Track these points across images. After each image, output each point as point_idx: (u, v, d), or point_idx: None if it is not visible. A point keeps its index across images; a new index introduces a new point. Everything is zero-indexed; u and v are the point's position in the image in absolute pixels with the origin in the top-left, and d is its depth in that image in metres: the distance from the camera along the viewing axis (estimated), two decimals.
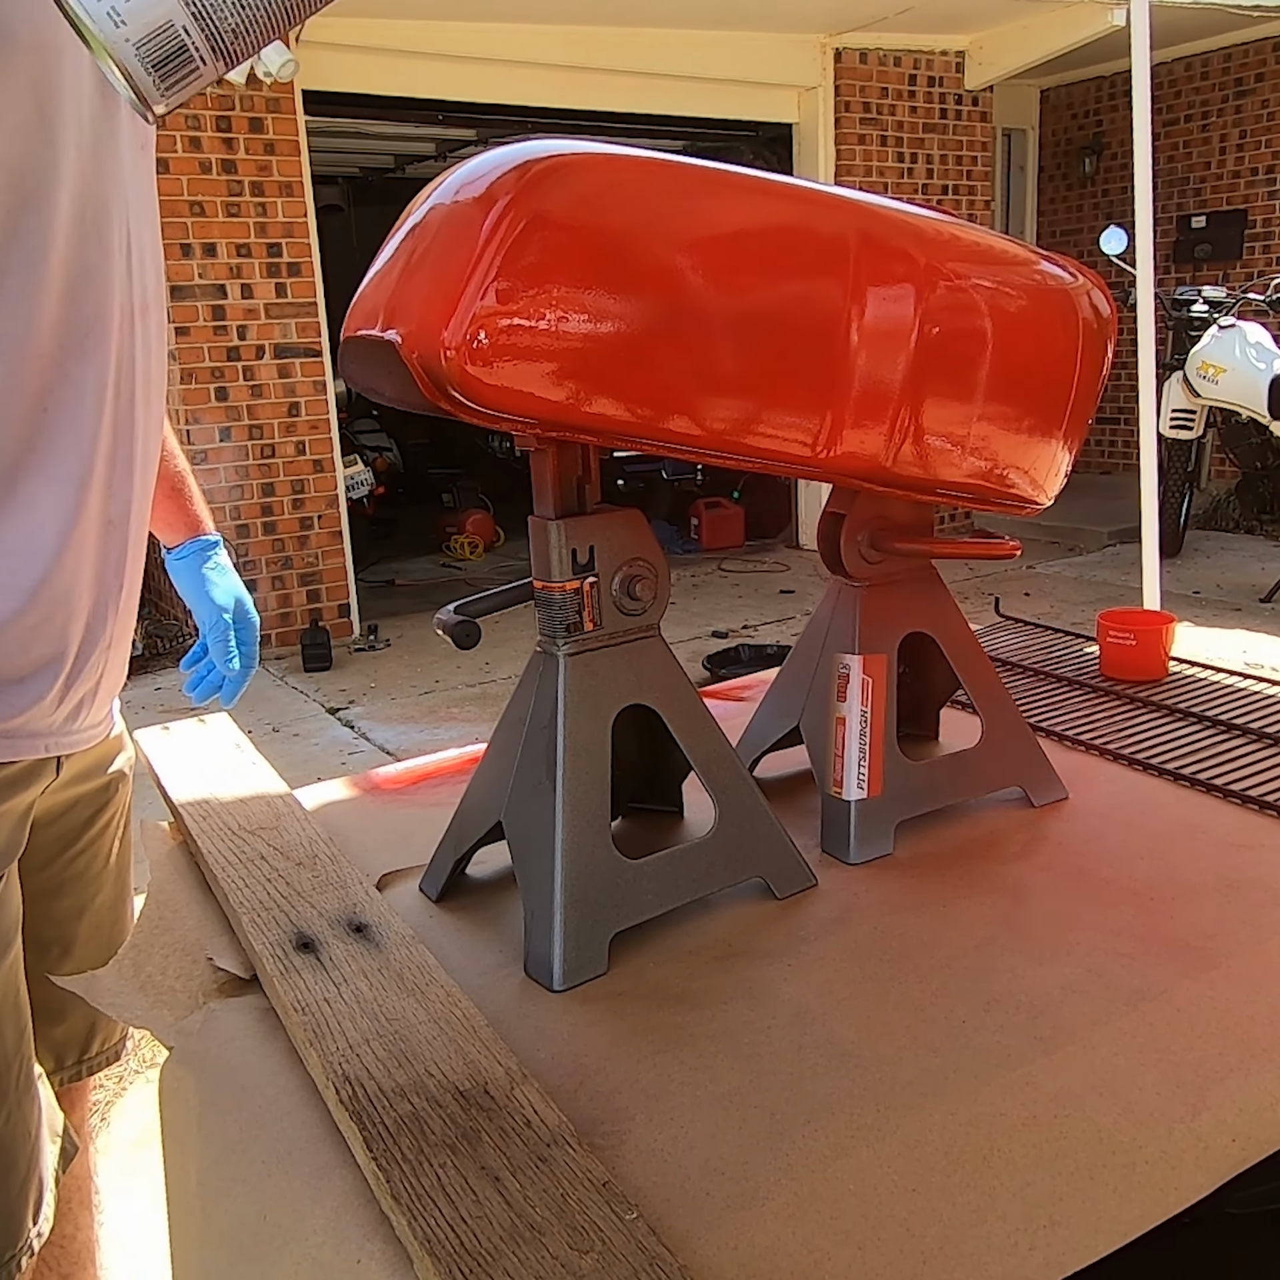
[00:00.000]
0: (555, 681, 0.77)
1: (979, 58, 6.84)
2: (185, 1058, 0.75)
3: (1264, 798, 0.96)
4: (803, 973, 0.75)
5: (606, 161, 0.70)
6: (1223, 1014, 0.70)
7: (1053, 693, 1.25)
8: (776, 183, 0.76)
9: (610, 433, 0.71)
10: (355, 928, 0.80)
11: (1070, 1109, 0.63)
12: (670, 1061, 0.67)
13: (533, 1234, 0.53)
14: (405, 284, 0.70)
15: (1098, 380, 0.91)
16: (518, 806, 0.80)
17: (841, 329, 0.76)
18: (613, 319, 0.68)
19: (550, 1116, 0.61)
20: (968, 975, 0.74)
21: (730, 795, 0.82)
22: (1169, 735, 1.12)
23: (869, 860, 0.89)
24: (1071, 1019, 0.69)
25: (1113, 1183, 0.60)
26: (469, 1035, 0.68)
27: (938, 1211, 0.57)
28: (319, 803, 1.05)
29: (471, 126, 5.79)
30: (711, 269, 0.71)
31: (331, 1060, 0.66)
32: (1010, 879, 0.86)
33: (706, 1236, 0.55)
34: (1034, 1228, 0.58)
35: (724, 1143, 0.60)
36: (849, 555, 0.89)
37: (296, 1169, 0.63)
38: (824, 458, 0.78)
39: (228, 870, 0.89)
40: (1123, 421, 8.19)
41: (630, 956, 0.78)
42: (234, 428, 5.27)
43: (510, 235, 0.65)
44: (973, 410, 0.84)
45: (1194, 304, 5.98)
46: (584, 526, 0.77)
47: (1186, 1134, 0.62)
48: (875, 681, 0.88)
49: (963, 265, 0.81)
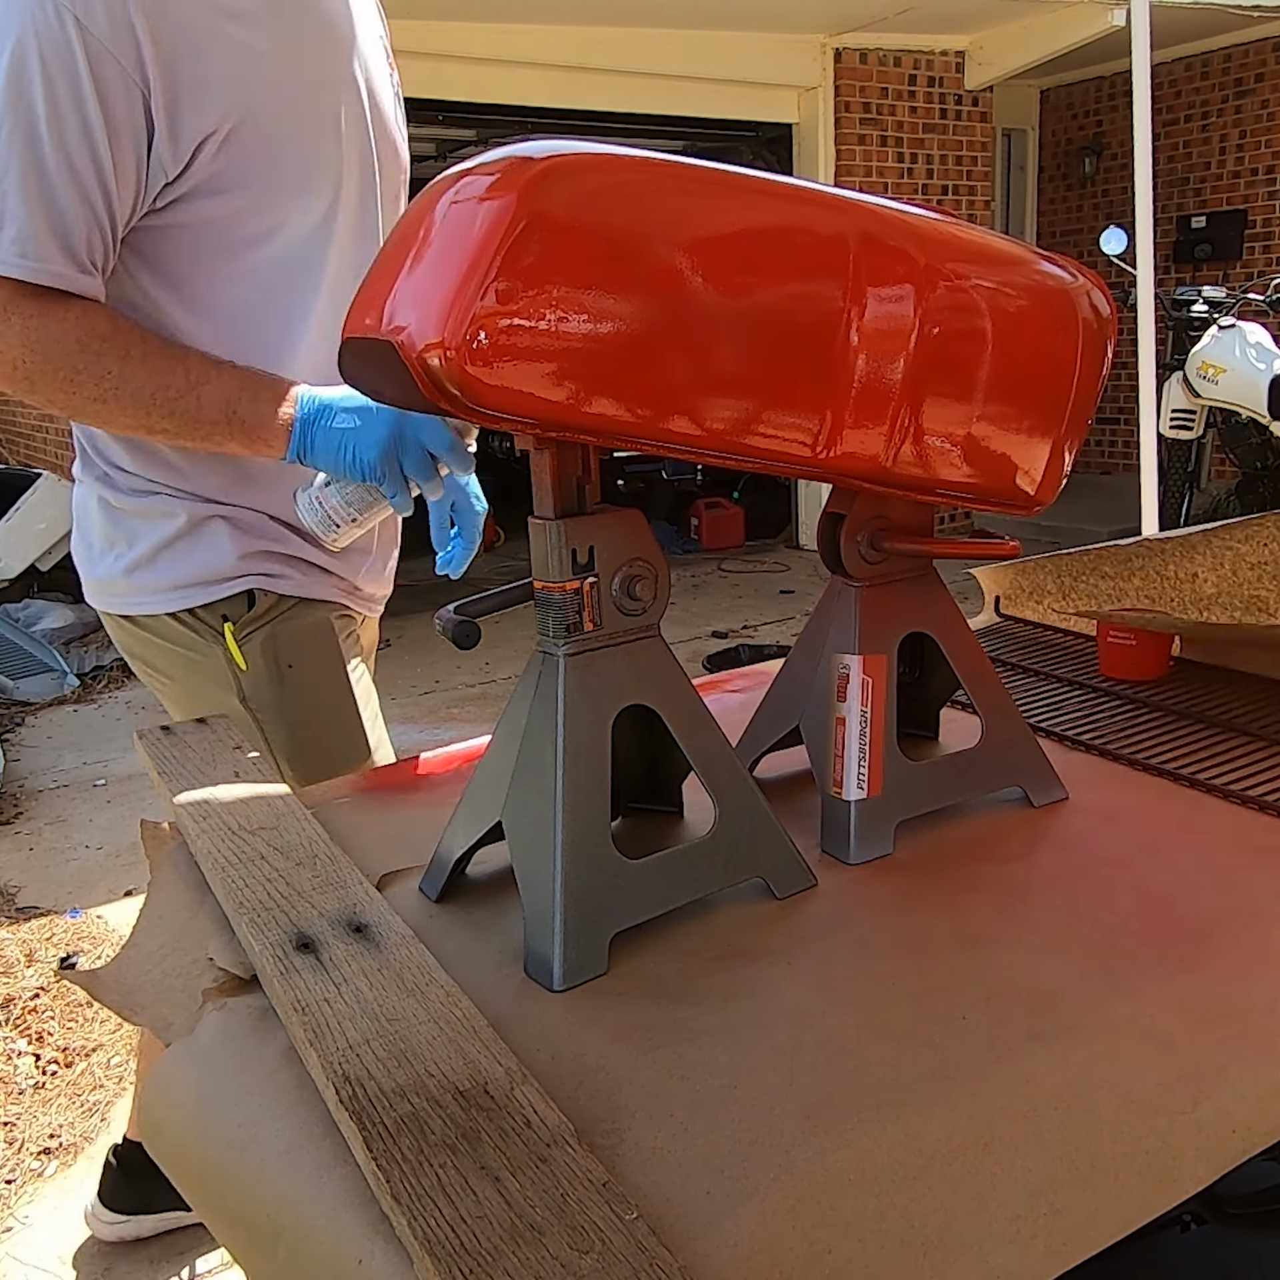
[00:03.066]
0: (555, 681, 0.77)
1: (979, 58, 6.84)
2: (185, 1057, 0.75)
3: (1264, 798, 0.96)
4: (803, 971, 0.75)
5: (606, 162, 0.70)
6: (1223, 1006, 0.70)
7: (1053, 693, 1.26)
8: (776, 183, 0.76)
9: (610, 433, 0.72)
10: (355, 928, 0.80)
11: (1071, 1100, 0.63)
12: (670, 1057, 0.67)
13: (533, 1234, 0.53)
14: (405, 284, 0.70)
15: (1098, 380, 0.91)
16: (518, 806, 0.80)
17: (841, 329, 0.76)
18: (613, 319, 0.68)
19: (550, 1116, 0.61)
20: (968, 970, 0.74)
21: (730, 795, 0.82)
22: (1169, 735, 1.12)
23: (869, 860, 0.89)
24: (1072, 1012, 0.69)
25: (1114, 1171, 0.60)
26: (469, 1035, 0.68)
27: (939, 1200, 0.57)
28: (319, 803, 1.05)
29: (471, 126, 5.79)
30: (711, 269, 0.71)
31: (331, 1060, 0.66)
32: (1010, 878, 0.86)
33: (706, 1235, 0.55)
34: (1035, 1216, 0.58)
35: (723, 1138, 0.61)
36: (849, 555, 0.89)
37: (296, 1167, 0.63)
38: (824, 458, 0.78)
39: (228, 870, 0.89)
40: (1123, 421, 8.19)
41: (630, 956, 0.78)
42: None
43: (510, 235, 0.65)
44: (973, 410, 0.84)
45: (1194, 304, 5.98)
46: (584, 526, 0.77)
47: (1187, 1124, 0.63)
48: (875, 681, 0.88)
49: (963, 265, 0.81)
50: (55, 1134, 2.08)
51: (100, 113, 1.02)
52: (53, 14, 0.98)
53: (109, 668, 5.39)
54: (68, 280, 1.06)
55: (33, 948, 2.74)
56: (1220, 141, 7.80)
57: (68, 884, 3.14)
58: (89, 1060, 2.29)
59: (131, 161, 1.06)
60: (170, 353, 1.11)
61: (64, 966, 2.65)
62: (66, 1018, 2.42)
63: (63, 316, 1.07)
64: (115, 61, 1.01)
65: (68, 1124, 2.11)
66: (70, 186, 1.03)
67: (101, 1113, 2.14)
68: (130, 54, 1.01)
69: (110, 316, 1.10)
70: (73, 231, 1.05)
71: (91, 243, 1.07)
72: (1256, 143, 7.61)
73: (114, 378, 1.08)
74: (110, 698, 5.09)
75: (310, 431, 1.08)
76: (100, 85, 1.01)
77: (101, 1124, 2.11)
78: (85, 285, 1.08)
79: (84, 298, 1.09)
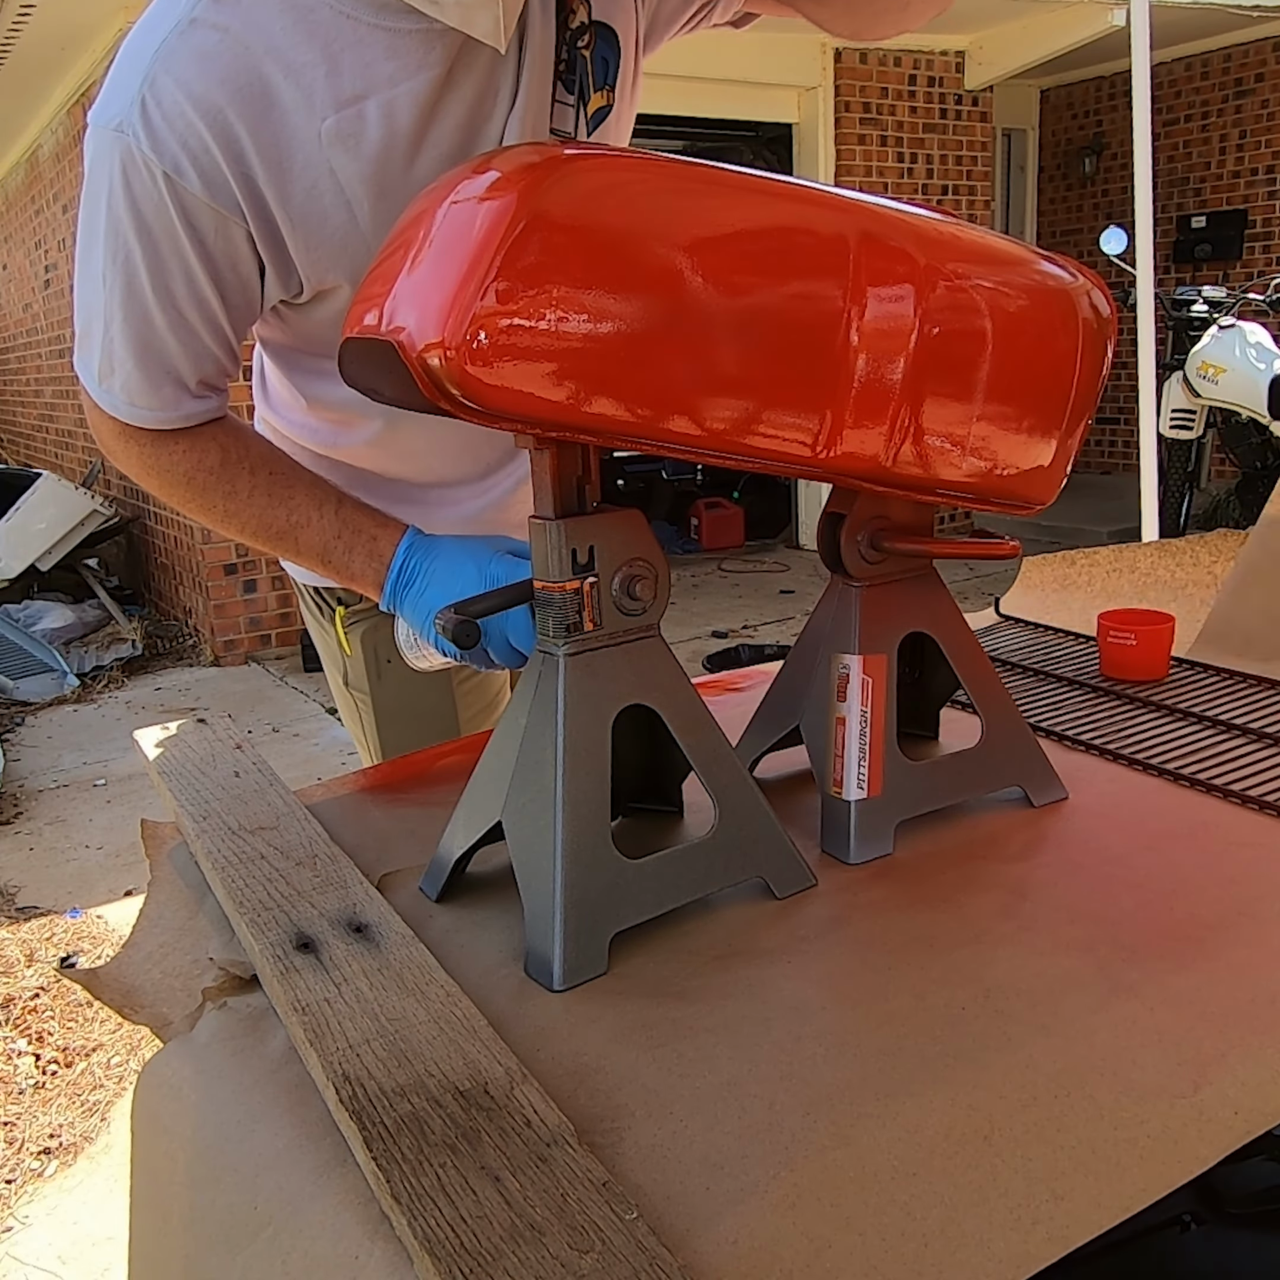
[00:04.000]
0: (555, 681, 0.77)
1: (979, 58, 6.85)
2: (183, 1055, 0.75)
3: (1264, 798, 0.96)
4: (802, 969, 0.75)
5: (606, 161, 0.71)
6: (1224, 998, 0.70)
7: (1053, 693, 1.26)
8: (776, 183, 0.76)
9: (610, 433, 0.72)
10: (355, 928, 0.80)
11: (1071, 1089, 0.63)
12: (669, 1055, 0.67)
13: (533, 1234, 0.53)
14: (405, 284, 0.70)
15: (1098, 380, 0.91)
16: (518, 806, 0.80)
17: (841, 329, 0.76)
18: (613, 319, 0.68)
19: (550, 1116, 0.61)
20: (968, 965, 0.74)
21: (730, 795, 0.82)
22: (1169, 735, 1.12)
23: (869, 860, 0.89)
24: (1072, 1006, 0.69)
25: (1115, 1157, 0.60)
26: (469, 1035, 0.68)
27: (939, 1192, 0.57)
28: (319, 802, 1.05)
29: None
30: (711, 269, 0.71)
31: (331, 1060, 0.66)
32: (1010, 877, 0.86)
33: (706, 1233, 0.55)
34: (1036, 1203, 0.58)
35: (723, 1135, 0.61)
36: (849, 555, 0.90)
37: (295, 1166, 0.63)
38: (824, 458, 0.79)
39: (228, 870, 0.89)
40: (1123, 421, 8.20)
41: (630, 956, 0.78)
42: None
43: (510, 235, 0.65)
44: (973, 410, 0.84)
45: (1194, 304, 5.98)
46: (584, 526, 0.77)
47: (1188, 1108, 0.63)
48: (875, 681, 0.88)
49: (963, 265, 0.81)
50: (55, 1134, 2.08)
51: (199, 252, 0.98)
52: (143, 167, 0.94)
53: (109, 668, 5.40)
54: (181, 419, 1.06)
55: (33, 948, 2.74)
56: (1220, 141, 7.80)
57: (68, 884, 3.14)
58: (89, 1060, 2.29)
59: (239, 292, 1.03)
60: (274, 489, 1.10)
61: (64, 966, 2.65)
62: (66, 1018, 2.42)
63: (172, 450, 1.08)
64: (211, 208, 0.97)
65: (68, 1124, 2.11)
66: (179, 331, 1.02)
67: (101, 1113, 2.14)
68: (228, 199, 0.97)
69: (221, 448, 1.09)
70: (185, 372, 1.04)
71: (204, 370, 1.05)
72: (1256, 143, 7.61)
73: (219, 511, 1.10)
74: (110, 698, 5.09)
75: (400, 597, 1.07)
76: (195, 225, 0.97)
77: (101, 1124, 2.11)
78: (201, 413, 1.08)
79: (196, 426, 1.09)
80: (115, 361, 1.03)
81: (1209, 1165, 0.62)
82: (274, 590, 5.57)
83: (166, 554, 6.18)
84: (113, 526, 6.31)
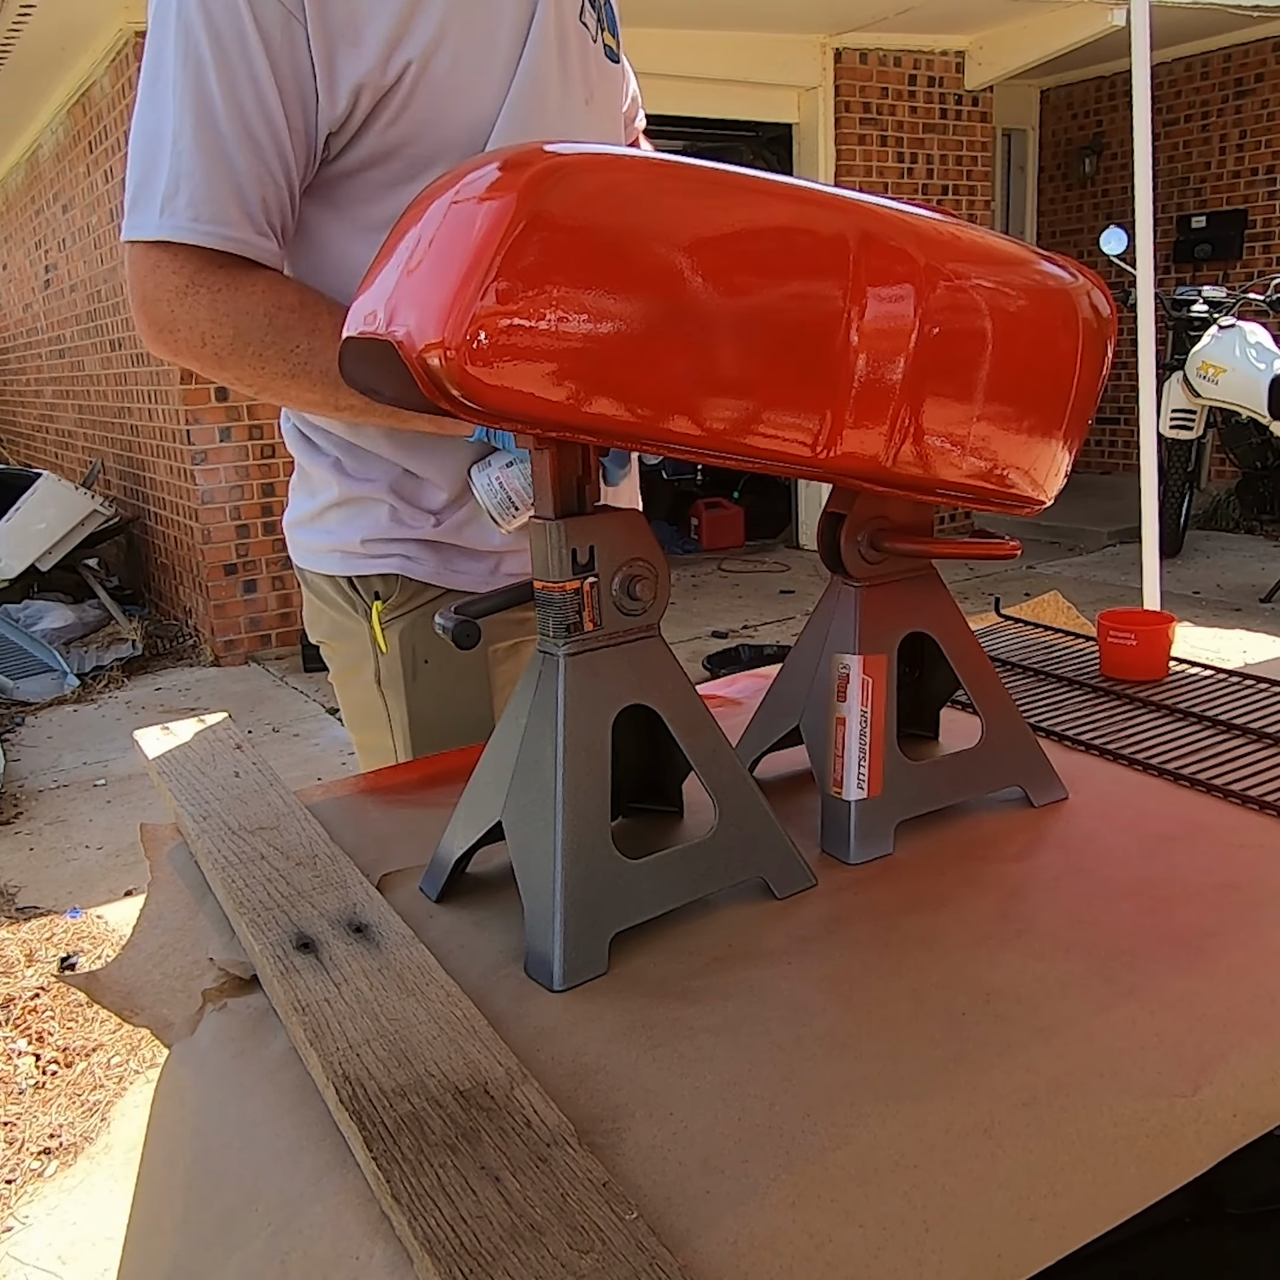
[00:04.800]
0: (555, 681, 0.77)
1: (979, 58, 6.84)
2: (184, 1057, 0.75)
3: (1264, 798, 0.96)
4: (803, 970, 0.75)
5: (607, 162, 0.71)
6: (1224, 1000, 0.70)
7: (1053, 693, 1.26)
8: (776, 183, 0.76)
9: (610, 433, 0.72)
10: (355, 928, 0.80)
11: (1071, 1089, 0.63)
12: (669, 1055, 0.67)
13: (533, 1234, 0.53)
14: (404, 284, 0.70)
15: (1098, 380, 0.91)
16: (518, 806, 0.80)
17: (841, 329, 0.76)
18: (613, 319, 0.68)
19: (550, 1116, 0.61)
20: (968, 969, 0.74)
21: (730, 795, 0.82)
22: (1169, 735, 1.12)
23: (869, 860, 0.89)
24: (1072, 1009, 0.69)
25: (1114, 1154, 0.61)
26: (469, 1035, 0.68)
27: (939, 1185, 0.58)
28: (319, 802, 1.05)
29: None
30: (711, 269, 0.71)
31: (331, 1060, 0.66)
32: (1011, 878, 0.86)
33: (706, 1233, 0.55)
34: (1036, 1197, 0.58)
35: (723, 1136, 0.61)
36: (849, 555, 0.90)
37: (295, 1166, 0.63)
38: (824, 458, 0.78)
39: (228, 870, 0.89)
40: (1123, 421, 8.20)
41: (630, 956, 0.78)
42: (234, 428, 5.27)
43: (510, 235, 0.65)
44: (973, 410, 0.84)
45: (1194, 304, 5.99)
46: (584, 526, 0.77)
47: (1187, 1108, 0.63)
48: (875, 681, 0.88)
49: (963, 265, 0.81)
50: (55, 1134, 2.08)
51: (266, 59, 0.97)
52: None
53: (109, 668, 5.40)
54: (247, 246, 1.02)
55: (33, 948, 2.74)
56: (1220, 141, 7.80)
57: (68, 884, 3.14)
58: (89, 1060, 2.29)
59: (299, 110, 1.00)
60: None
61: (64, 967, 2.65)
62: (66, 1018, 2.42)
63: (250, 289, 1.02)
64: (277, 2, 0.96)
65: (68, 1124, 2.11)
66: (245, 144, 0.99)
67: (101, 1113, 2.14)
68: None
69: (297, 288, 1.05)
70: (249, 192, 1.00)
71: (268, 204, 1.01)
72: (1256, 143, 7.61)
73: (303, 352, 1.03)
74: (110, 698, 5.09)
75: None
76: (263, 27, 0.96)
77: (101, 1124, 2.11)
78: (264, 250, 1.03)
79: (267, 266, 1.04)
80: (182, 177, 0.99)
81: (1206, 1167, 0.62)
82: (274, 590, 5.57)
83: (166, 554, 6.18)
84: (113, 526, 6.31)
